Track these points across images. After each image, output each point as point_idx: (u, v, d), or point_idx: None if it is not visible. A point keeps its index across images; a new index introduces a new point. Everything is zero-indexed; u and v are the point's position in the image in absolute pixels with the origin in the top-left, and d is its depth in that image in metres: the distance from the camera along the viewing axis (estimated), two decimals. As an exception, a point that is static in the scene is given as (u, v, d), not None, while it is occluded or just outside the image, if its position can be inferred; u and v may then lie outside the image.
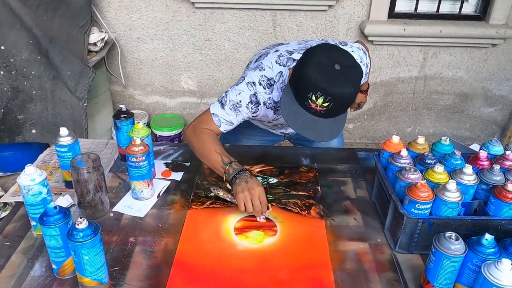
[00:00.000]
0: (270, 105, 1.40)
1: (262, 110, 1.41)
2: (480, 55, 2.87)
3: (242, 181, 1.23)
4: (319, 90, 1.14)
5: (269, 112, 1.43)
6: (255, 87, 1.35)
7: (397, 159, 1.20)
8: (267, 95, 1.37)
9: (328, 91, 1.13)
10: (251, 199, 1.20)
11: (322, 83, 1.13)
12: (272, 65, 1.37)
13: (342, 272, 1.06)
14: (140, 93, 3.03)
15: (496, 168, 1.14)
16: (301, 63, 1.21)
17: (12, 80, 2.18)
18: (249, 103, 1.36)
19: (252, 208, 1.20)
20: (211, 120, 1.36)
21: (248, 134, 1.78)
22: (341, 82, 1.15)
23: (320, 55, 1.19)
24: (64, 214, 0.96)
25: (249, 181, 1.24)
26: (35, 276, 1.02)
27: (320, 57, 1.18)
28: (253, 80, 1.35)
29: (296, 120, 1.21)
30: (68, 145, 1.22)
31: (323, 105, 1.15)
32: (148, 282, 1.01)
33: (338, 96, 1.15)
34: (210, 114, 1.37)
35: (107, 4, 2.67)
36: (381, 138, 3.20)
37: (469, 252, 0.92)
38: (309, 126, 1.20)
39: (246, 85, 1.36)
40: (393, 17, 2.75)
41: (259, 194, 1.21)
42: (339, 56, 1.19)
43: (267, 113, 1.44)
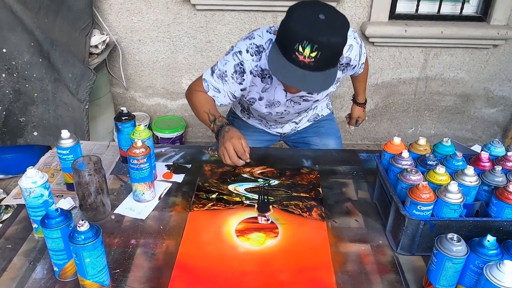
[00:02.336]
0: (257, 73, 1.41)
1: (249, 80, 1.42)
2: (481, 56, 2.86)
3: (221, 137, 1.35)
4: (305, 39, 1.13)
5: (256, 80, 1.44)
6: (241, 56, 1.38)
7: (399, 160, 1.20)
8: (254, 62, 1.39)
9: (315, 39, 1.12)
10: (227, 152, 1.31)
11: (308, 32, 1.13)
12: (262, 33, 1.39)
13: (343, 274, 1.05)
14: (141, 95, 3.03)
15: (498, 169, 1.14)
16: (285, 19, 1.21)
17: (13, 83, 2.19)
18: (233, 73, 1.40)
19: (230, 160, 1.31)
20: (202, 85, 1.46)
21: (244, 135, 1.76)
22: (327, 30, 1.15)
23: (304, 9, 1.19)
24: (66, 216, 0.96)
25: (225, 135, 1.33)
26: (37, 279, 1.02)
27: (304, 10, 1.18)
28: (240, 50, 1.38)
29: (285, 75, 1.20)
30: (69, 148, 1.23)
31: (311, 56, 1.14)
32: (149, 284, 1.01)
33: (325, 44, 1.14)
34: (202, 79, 1.47)
35: (108, 7, 2.67)
36: (383, 139, 3.19)
37: (471, 254, 0.91)
38: (299, 79, 1.19)
39: (232, 55, 1.40)
40: (394, 18, 2.75)
41: (233, 145, 1.31)
42: (324, 8, 1.19)
43: (255, 82, 1.45)
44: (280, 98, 1.51)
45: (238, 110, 1.85)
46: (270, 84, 1.46)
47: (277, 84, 1.45)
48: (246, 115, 1.82)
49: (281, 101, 1.53)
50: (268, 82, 1.45)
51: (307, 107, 1.64)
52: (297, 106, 1.58)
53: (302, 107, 1.60)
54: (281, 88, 1.46)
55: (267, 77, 1.43)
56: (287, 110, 1.59)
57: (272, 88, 1.47)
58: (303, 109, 1.65)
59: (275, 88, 1.47)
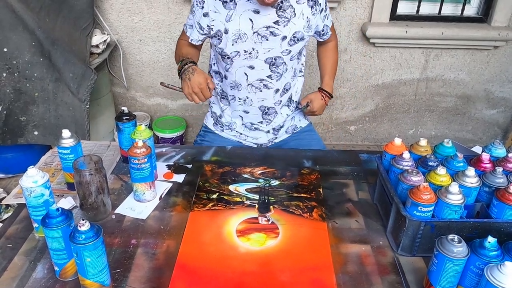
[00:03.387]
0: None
1: (209, 3, 1.50)
2: (482, 57, 2.86)
3: (186, 76, 1.47)
4: None
5: (218, 5, 1.50)
6: None
7: (399, 161, 1.20)
8: None
9: None
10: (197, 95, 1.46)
11: None
12: None
13: (344, 274, 1.05)
14: (142, 95, 3.03)
15: (499, 171, 1.14)
16: None
17: (14, 82, 2.19)
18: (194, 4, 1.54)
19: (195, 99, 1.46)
20: (183, 30, 1.66)
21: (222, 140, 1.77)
22: None
23: None
24: (66, 216, 0.96)
25: (191, 77, 1.45)
26: (37, 278, 1.02)
27: None
28: None
29: None
30: (70, 147, 1.23)
31: None
32: (150, 284, 1.01)
33: None
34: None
35: (109, 7, 2.67)
36: (383, 140, 3.19)
37: (472, 255, 0.91)
38: None
39: None
40: (395, 19, 2.75)
41: (197, 85, 1.44)
42: None
43: (217, 8, 1.50)
44: (246, 30, 1.50)
45: (210, 123, 1.81)
46: (233, 10, 1.49)
47: (242, 11, 1.49)
48: (220, 128, 1.78)
49: (247, 34, 1.51)
50: (231, 7, 1.49)
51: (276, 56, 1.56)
52: (265, 44, 1.53)
53: (270, 47, 1.54)
54: (247, 17, 1.49)
55: (230, 1, 1.49)
56: (255, 49, 1.53)
57: (237, 15, 1.49)
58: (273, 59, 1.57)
59: (240, 15, 1.49)
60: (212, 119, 1.81)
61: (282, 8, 1.50)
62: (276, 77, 1.61)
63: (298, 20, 1.54)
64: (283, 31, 1.53)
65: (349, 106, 3.08)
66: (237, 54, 1.55)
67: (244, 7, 1.48)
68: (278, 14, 1.50)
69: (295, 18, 1.53)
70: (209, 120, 1.83)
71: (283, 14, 1.51)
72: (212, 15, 1.52)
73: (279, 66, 1.59)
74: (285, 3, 1.50)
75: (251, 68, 1.58)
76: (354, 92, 3.00)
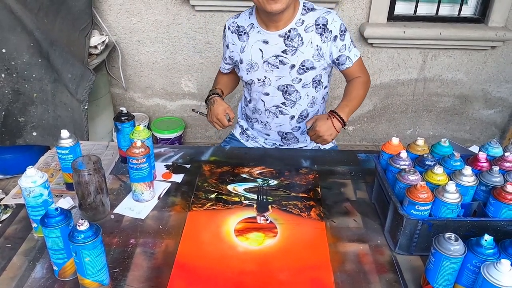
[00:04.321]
0: (234, 29, 1.61)
1: (229, 36, 1.63)
2: (479, 57, 2.87)
3: (208, 106, 1.63)
4: None
5: (235, 38, 1.61)
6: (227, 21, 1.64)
7: (397, 160, 1.21)
8: (232, 19, 1.62)
9: None
10: (217, 124, 1.60)
11: None
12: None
13: (342, 273, 1.06)
14: (141, 96, 3.04)
15: (495, 170, 1.15)
16: None
17: (13, 83, 2.19)
18: (222, 37, 1.67)
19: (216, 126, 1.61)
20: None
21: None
22: None
23: None
24: (65, 215, 0.97)
25: (212, 108, 1.60)
26: (36, 278, 1.02)
27: None
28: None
29: None
30: (69, 147, 1.23)
31: None
32: (148, 283, 1.02)
33: None
34: None
35: (108, 7, 2.68)
36: (381, 140, 3.20)
37: (469, 253, 0.92)
38: None
39: None
40: (393, 19, 2.76)
41: (220, 120, 1.58)
42: None
43: (234, 40, 1.62)
44: (257, 59, 1.59)
45: (237, 132, 1.89)
46: (246, 42, 1.59)
47: (253, 43, 1.58)
48: (245, 138, 1.86)
49: (258, 63, 1.59)
50: (244, 39, 1.59)
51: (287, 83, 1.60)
52: (276, 72, 1.58)
53: (281, 75, 1.58)
54: (257, 47, 1.57)
55: (243, 33, 1.59)
56: (267, 77, 1.60)
57: (249, 46, 1.59)
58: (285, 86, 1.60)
59: (251, 46, 1.58)
60: (240, 129, 1.88)
61: (289, 37, 1.53)
62: (290, 104, 1.66)
63: (306, 49, 1.53)
64: (291, 59, 1.55)
65: (347, 107, 3.08)
66: (252, 82, 1.64)
67: (255, 38, 1.56)
68: (285, 43, 1.54)
69: (302, 47, 1.53)
70: (236, 130, 1.90)
71: (290, 43, 1.53)
72: (231, 47, 1.64)
73: (292, 93, 1.63)
74: (292, 32, 1.52)
75: (267, 95, 1.66)
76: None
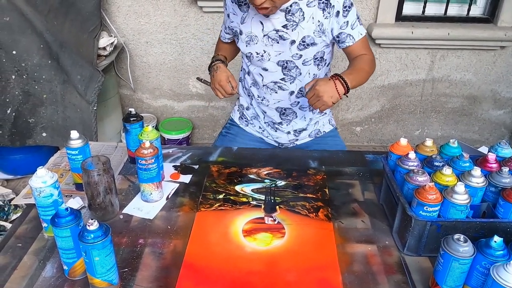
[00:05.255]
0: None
1: (229, 5, 1.59)
2: (488, 57, 2.85)
3: (212, 73, 1.60)
4: None
5: (235, 8, 1.58)
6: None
7: (405, 161, 1.20)
8: None
9: None
10: (219, 91, 1.57)
11: None
12: None
13: (350, 274, 1.06)
14: (149, 97, 3.06)
15: (505, 171, 1.14)
16: None
17: (23, 84, 2.21)
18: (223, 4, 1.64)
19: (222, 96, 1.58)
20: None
21: (239, 142, 1.79)
22: None
23: None
24: (75, 215, 0.98)
25: (215, 74, 1.58)
26: (47, 277, 1.03)
27: None
28: None
29: None
30: (78, 148, 1.24)
31: None
32: (157, 283, 1.02)
33: None
34: None
35: (116, 9, 2.70)
36: (389, 141, 3.19)
37: (478, 255, 0.91)
38: None
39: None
40: (401, 20, 2.75)
41: (222, 87, 1.55)
42: None
43: (234, 10, 1.58)
44: (257, 32, 1.55)
45: (236, 117, 1.86)
46: (247, 12, 1.55)
47: (253, 14, 1.53)
48: (245, 122, 1.83)
49: (258, 36, 1.56)
50: (245, 10, 1.56)
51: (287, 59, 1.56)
52: (276, 47, 1.55)
53: (281, 50, 1.55)
54: (258, 20, 1.53)
55: (244, 4, 1.55)
56: (266, 52, 1.56)
57: (249, 18, 1.55)
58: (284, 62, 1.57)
59: (252, 18, 1.55)
60: (238, 112, 1.85)
61: (290, 11, 1.47)
62: (290, 79, 1.62)
63: (308, 24, 1.49)
64: (292, 35, 1.51)
65: (355, 107, 3.08)
66: (251, 55, 1.60)
67: (256, 10, 1.47)
68: (286, 18, 1.49)
69: (303, 22, 1.48)
70: (235, 113, 1.87)
71: (291, 18, 1.48)
72: (232, 17, 1.61)
73: (291, 69, 1.59)
74: (294, 6, 1.46)
75: (265, 70, 1.62)
76: (359, 93, 3.00)
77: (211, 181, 1.41)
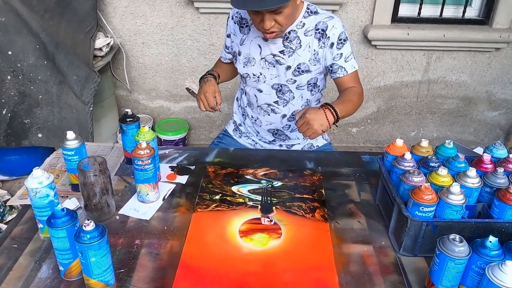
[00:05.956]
0: (237, 19, 1.61)
1: (231, 26, 1.63)
2: (483, 59, 2.87)
3: (201, 84, 1.60)
4: None
5: (236, 28, 1.62)
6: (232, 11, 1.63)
7: (401, 162, 1.21)
8: (237, 10, 1.59)
9: None
10: (202, 102, 1.54)
11: None
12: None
13: (346, 274, 1.06)
14: (145, 98, 3.05)
15: (500, 171, 1.14)
16: None
17: (19, 85, 2.20)
18: (226, 25, 1.67)
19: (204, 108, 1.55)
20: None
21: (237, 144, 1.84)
22: None
23: None
24: (72, 216, 0.97)
25: (203, 85, 1.57)
26: (42, 278, 1.03)
27: None
28: None
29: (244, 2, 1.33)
30: (75, 149, 1.24)
31: None
32: (153, 284, 1.02)
33: None
34: None
35: (113, 10, 2.69)
36: (385, 142, 3.20)
37: (473, 255, 0.92)
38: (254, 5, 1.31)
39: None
40: (397, 21, 2.76)
41: (206, 99, 1.53)
42: None
43: (235, 30, 1.62)
44: (255, 55, 1.59)
45: (230, 129, 1.89)
46: (247, 35, 1.59)
47: (253, 37, 1.58)
48: (238, 134, 1.86)
49: (255, 59, 1.59)
50: (245, 32, 1.60)
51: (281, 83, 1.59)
52: (272, 70, 1.58)
53: (276, 74, 1.58)
54: (256, 43, 1.57)
55: (245, 26, 1.59)
56: (262, 74, 1.60)
57: (248, 40, 1.59)
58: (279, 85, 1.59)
59: (251, 41, 1.59)
60: (233, 125, 1.89)
61: (288, 38, 1.52)
62: (283, 103, 1.66)
63: (304, 52, 1.53)
64: (288, 61, 1.55)
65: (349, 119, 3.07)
66: (248, 76, 1.64)
67: (255, 33, 1.55)
68: (284, 44, 1.53)
69: (300, 50, 1.53)
70: (230, 126, 1.91)
71: (288, 45, 1.53)
72: (232, 37, 1.65)
73: (285, 93, 1.63)
74: (292, 34, 1.51)
75: (260, 91, 1.65)
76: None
77: (208, 182, 1.41)
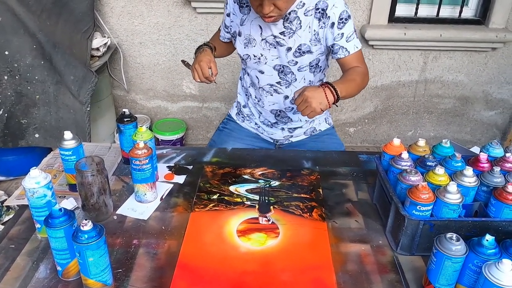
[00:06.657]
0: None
1: (231, 5, 1.60)
2: (480, 59, 2.88)
3: (197, 54, 1.57)
4: None
5: (236, 8, 1.59)
6: None
7: (398, 161, 1.21)
8: None
9: None
10: (197, 72, 1.50)
11: None
12: None
13: (344, 273, 1.06)
14: (142, 98, 3.05)
15: (497, 170, 1.15)
16: None
17: (15, 85, 2.20)
18: (225, 4, 1.63)
19: (198, 78, 1.51)
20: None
21: (235, 137, 1.81)
22: None
23: None
24: (69, 216, 0.97)
25: (199, 55, 1.54)
26: (40, 278, 1.03)
27: None
28: None
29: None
30: (72, 149, 1.24)
31: None
32: (151, 284, 1.02)
33: None
34: None
35: (110, 10, 2.69)
36: (382, 141, 3.21)
37: (470, 253, 0.92)
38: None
39: None
40: (394, 21, 2.77)
41: (201, 68, 1.49)
42: None
43: (235, 10, 1.59)
44: (256, 35, 1.57)
45: (234, 113, 1.88)
46: (247, 15, 1.57)
47: (253, 18, 1.55)
48: (241, 118, 1.85)
49: (256, 40, 1.57)
50: (245, 12, 1.57)
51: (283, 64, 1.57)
52: (273, 51, 1.56)
53: (277, 55, 1.56)
54: (257, 23, 1.55)
55: (245, 6, 1.56)
56: (263, 55, 1.58)
57: (249, 20, 1.57)
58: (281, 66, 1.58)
59: (251, 21, 1.56)
60: (236, 109, 1.88)
61: (288, 19, 1.49)
62: (285, 84, 1.64)
63: (304, 33, 1.50)
64: (288, 42, 1.53)
65: (348, 108, 3.09)
66: (248, 57, 1.62)
67: (255, 14, 1.49)
68: (284, 25, 1.51)
69: (300, 31, 1.50)
70: (233, 109, 1.90)
71: (289, 26, 1.51)
72: (232, 17, 1.62)
73: (287, 74, 1.61)
74: (292, 14, 1.48)
75: (261, 72, 1.64)
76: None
77: (205, 181, 1.41)
